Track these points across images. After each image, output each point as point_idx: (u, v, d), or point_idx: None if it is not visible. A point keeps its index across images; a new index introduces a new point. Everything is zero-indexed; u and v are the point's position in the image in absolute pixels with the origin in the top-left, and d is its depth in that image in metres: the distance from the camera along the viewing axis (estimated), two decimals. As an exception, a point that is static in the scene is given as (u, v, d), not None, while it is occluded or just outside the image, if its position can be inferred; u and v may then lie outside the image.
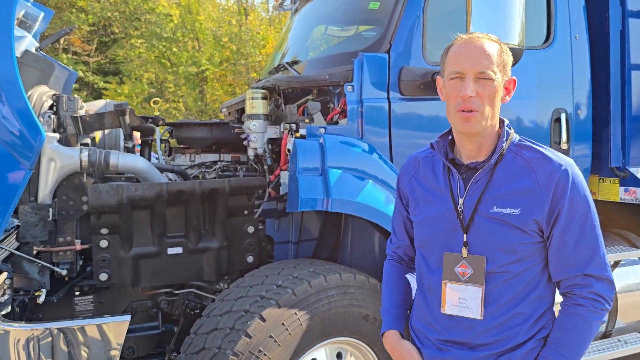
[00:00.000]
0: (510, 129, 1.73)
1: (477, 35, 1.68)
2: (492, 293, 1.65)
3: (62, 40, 16.44)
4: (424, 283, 1.81)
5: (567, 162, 1.64)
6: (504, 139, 1.69)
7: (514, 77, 1.72)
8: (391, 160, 3.15)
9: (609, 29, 3.71)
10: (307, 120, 3.17)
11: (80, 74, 16.24)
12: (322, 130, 3.05)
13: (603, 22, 3.73)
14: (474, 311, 1.66)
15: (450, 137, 1.79)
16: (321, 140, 2.98)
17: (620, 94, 3.72)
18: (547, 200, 1.60)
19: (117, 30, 18.55)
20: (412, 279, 1.97)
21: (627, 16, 3.71)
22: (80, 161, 2.91)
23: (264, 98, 3.42)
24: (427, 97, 3.18)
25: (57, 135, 2.91)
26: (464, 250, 1.67)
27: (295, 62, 3.99)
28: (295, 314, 2.67)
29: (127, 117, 3.12)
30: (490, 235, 1.64)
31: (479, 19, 2.68)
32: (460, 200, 1.69)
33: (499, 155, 1.67)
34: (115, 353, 2.70)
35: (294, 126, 3.14)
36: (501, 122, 1.73)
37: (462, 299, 1.67)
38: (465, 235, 1.67)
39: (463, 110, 1.62)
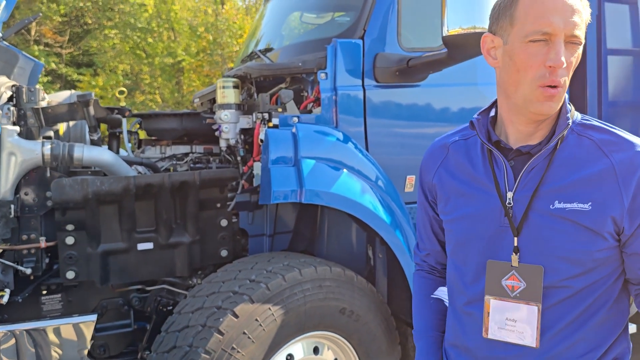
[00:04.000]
0: (570, 104, 1.37)
1: None
2: (549, 314, 1.29)
3: (33, 32, 16.05)
4: (457, 300, 1.46)
5: None
6: (567, 116, 1.32)
7: None
8: (367, 149, 3.08)
9: None
10: (280, 109, 3.08)
11: (53, 65, 15.87)
12: (296, 119, 2.97)
13: (579, 6, 3.69)
14: (527, 337, 1.30)
15: (491, 115, 1.43)
16: (294, 130, 2.89)
17: (596, 79, 3.70)
18: (627, 194, 1.22)
19: (89, 21, 18.17)
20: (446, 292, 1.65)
21: (603, 0, 3.68)
22: (43, 155, 2.80)
23: (235, 87, 3.32)
24: (403, 84, 3.12)
25: (17, 128, 2.79)
26: (514, 258, 1.32)
27: (268, 50, 3.89)
28: (269, 309, 2.60)
29: (91, 108, 3.01)
30: (549, 239, 1.28)
31: (455, 4, 2.60)
32: (509, 194, 1.33)
33: (559, 138, 1.30)
34: (84, 353, 2.62)
35: (266, 115, 3.04)
36: None
37: (511, 320, 1.31)
38: (516, 239, 1.32)
39: (549, 86, 1.23)
